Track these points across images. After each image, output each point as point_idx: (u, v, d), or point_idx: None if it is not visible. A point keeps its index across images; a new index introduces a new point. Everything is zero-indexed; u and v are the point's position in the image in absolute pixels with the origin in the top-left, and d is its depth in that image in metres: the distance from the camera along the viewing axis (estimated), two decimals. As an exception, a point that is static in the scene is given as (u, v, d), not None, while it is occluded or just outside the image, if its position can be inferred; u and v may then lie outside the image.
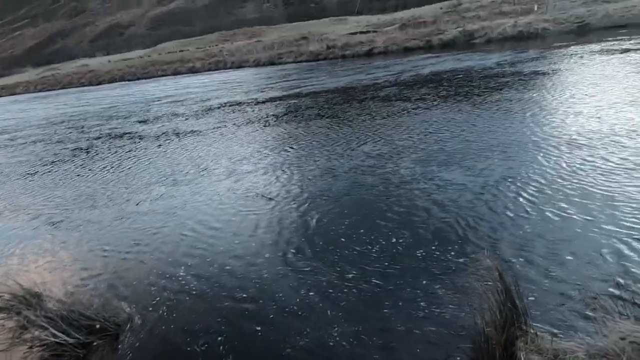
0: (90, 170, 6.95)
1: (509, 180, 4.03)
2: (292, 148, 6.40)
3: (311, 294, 2.78)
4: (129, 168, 6.67)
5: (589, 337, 1.86)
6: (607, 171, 3.88)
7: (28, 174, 7.37)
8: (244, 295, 2.87)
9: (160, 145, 8.03)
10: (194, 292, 3.00)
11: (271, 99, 11.85)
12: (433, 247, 3.08)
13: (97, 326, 2.65)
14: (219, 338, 2.50)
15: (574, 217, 3.18)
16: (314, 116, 8.62)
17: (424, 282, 2.71)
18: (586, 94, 6.88)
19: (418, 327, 2.31)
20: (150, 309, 2.88)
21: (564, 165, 4.18)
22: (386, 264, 2.97)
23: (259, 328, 2.54)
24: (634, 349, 1.70)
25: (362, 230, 3.50)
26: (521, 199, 3.61)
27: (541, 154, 4.54)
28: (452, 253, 2.96)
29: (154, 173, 6.15)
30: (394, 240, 3.27)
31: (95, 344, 2.58)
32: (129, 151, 7.92)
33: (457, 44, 20.58)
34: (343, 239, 3.40)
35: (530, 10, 24.80)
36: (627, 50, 10.83)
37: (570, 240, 2.88)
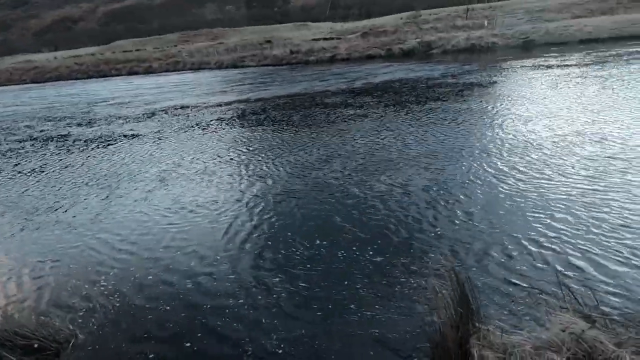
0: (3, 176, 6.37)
1: (431, 185, 4.25)
2: (227, 154, 6.33)
3: (260, 301, 2.72)
4: (46, 175, 6.19)
5: (534, 331, 1.97)
6: (525, 173, 4.21)
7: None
8: (188, 308, 2.76)
9: (88, 150, 7.57)
10: (136, 305, 2.83)
11: (220, 103, 11.62)
12: (355, 249, 3.15)
13: (35, 345, 2.42)
14: (164, 351, 2.38)
15: (481, 220, 3.41)
16: (257, 122, 8.55)
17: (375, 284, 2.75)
18: (514, 106, 7.50)
19: (376, 328, 2.34)
20: (94, 324, 2.68)
21: (484, 168, 4.51)
22: (330, 267, 2.99)
23: (206, 342, 2.44)
24: (572, 339, 1.83)
25: (291, 236, 3.50)
26: (455, 202, 3.81)
27: (463, 160, 4.86)
28: (379, 255, 3.05)
29: (70, 180, 5.77)
30: (328, 244, 3.31)
31: (32, 364, 2.35)
32: (52, 155, 7.37)
33: (416, 54, 21.50)
34: (280, 245, 3.38)
35: (481, 25, 26.52)
36: (561, 66, 11.88)
37: (497, 241, 3.08)
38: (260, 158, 5.95)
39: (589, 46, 16.58)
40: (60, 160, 7.02)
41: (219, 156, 6.25)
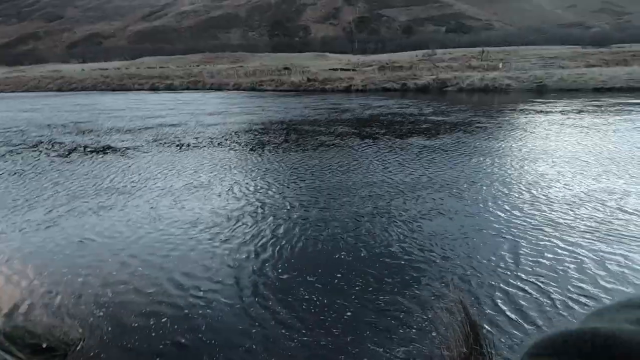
0: None
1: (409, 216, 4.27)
2: (203, 173, 6.46)
3: (272, 326, 2.72)
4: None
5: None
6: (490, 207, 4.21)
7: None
8: (198, 317, 2.77)
9: (63, 159, 7.80)
10: (148, 311, 2.85)
11: (214, 124, 11.93)
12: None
13: (44, 345, 2.44)
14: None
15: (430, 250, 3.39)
16: (242, 144, 8.73)
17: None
18: (508, 150, 7.56)
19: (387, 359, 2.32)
20: (104, 328, 2.70)
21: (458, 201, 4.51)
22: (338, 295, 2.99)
23: (216, 350, 2.43)
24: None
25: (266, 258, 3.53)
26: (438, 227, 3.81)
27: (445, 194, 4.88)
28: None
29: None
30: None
31: (40, 364, 2.36)
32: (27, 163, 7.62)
33: (431, 90, 21.93)
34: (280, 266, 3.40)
35: (495, 67, 27.13)
36: (578, 112, 12.01)
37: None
38: (234, 180, 6.06)
39: (603, 94, 16.80)
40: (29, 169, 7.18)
41: (191, 174, 6.36)
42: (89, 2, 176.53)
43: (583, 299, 2.80)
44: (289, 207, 4.84)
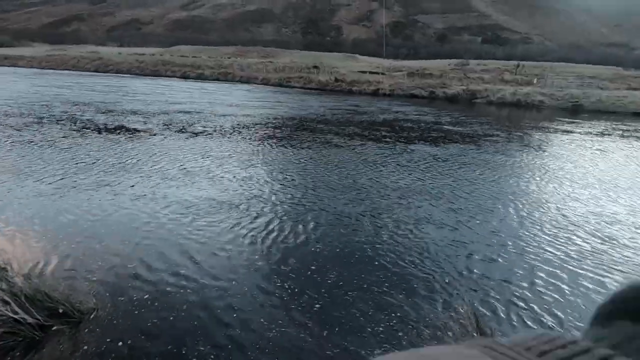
0: None
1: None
2: (196, 160, 6.60)
3: (280, 324, 2.73)
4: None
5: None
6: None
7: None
8: (212, 300, 2.80)
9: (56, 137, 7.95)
10: (164, 290, 2.92)
11: (228, 114, 12.10)
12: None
13: (60, 310, 2.53)
14: (182, 344, 2.41)
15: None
16: (244, 136, 8.83)
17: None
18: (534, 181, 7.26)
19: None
20: (118, 301, 2.78)
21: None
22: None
23: (229, 333, 2.46)
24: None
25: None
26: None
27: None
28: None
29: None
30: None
31: (54, 328, 2.45)
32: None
33: (460, 100, 21.49)
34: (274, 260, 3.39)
35: (529, 82, 26.31)
36: (602, 134, 11.48)
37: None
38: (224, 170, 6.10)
39: (642, 120, 16.00)
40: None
41: (195, 159, 6.44)
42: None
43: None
44: (252, 198, 4.93)
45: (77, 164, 6.09)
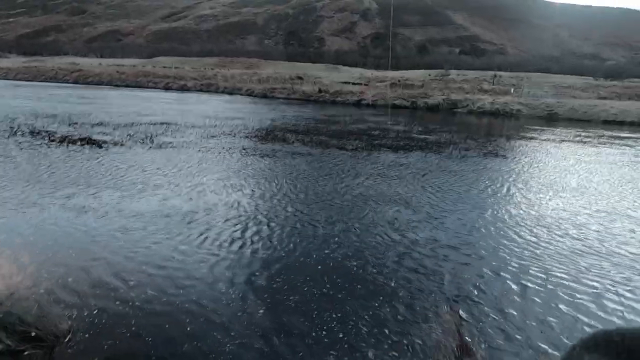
0: None
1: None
2: (151, 170, 6.62)
3: (267, 330, 2.69)
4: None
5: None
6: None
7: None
8: (188, 316, 2.74)
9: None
10: (139, 307, 2.84)
11: (198, 125, 12.09)
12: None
13: (33, 334, 2.43)
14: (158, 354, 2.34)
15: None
16: (206, 146, 8.89)
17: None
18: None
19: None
20: (94, 322, 2.68)
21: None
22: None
23: (208, 344, 2.40)
24: None
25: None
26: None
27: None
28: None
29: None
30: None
31: (27, 353, 2.34)
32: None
33: (441, 110, 22.00)
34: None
35: (507, 92, 27.21)
36: (569, 141, 11.96)
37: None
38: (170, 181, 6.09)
39: (612, 127, 16.74)
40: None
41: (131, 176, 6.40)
42: (112, 0, 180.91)
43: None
44: (195, 200, 5.10)
45: (36, 176, 5.91)
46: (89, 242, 3.92)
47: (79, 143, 8.51)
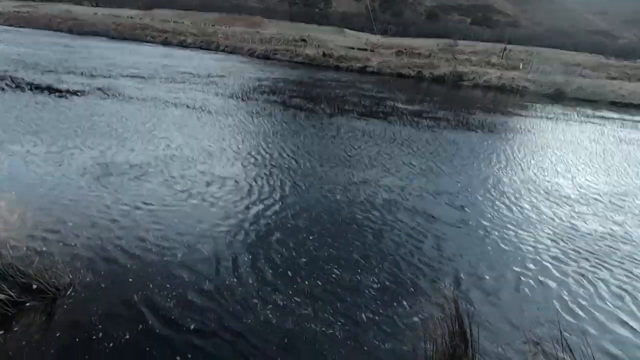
0: None
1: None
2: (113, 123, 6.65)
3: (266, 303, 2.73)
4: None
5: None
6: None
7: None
8: (188, 269, 2.78)
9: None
10: (140, 264, 2.87)
11: (178, 81, 11.94)
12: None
13: (34, 286, 2.46)
14: (160, 318, 2.40)
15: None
16: (176, 102, 8.89)
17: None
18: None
19: (368, 345, 2.34)
20: (95, 276, 2.72)
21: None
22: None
23: (210, 310, 2.46)
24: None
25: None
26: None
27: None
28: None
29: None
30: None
31: (28, 304, 2.38)
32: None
33: (446, 82, 21.46)
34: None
35: (515, 67, 26.47)
36: (568, 121, 11.80)
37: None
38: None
39: (619, 109, 16.47)
40: None
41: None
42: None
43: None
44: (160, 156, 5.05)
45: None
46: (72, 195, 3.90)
47: (39, 89, 8.65)
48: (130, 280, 2.73)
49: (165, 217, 3.64)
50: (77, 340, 2.21)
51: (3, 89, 8.33)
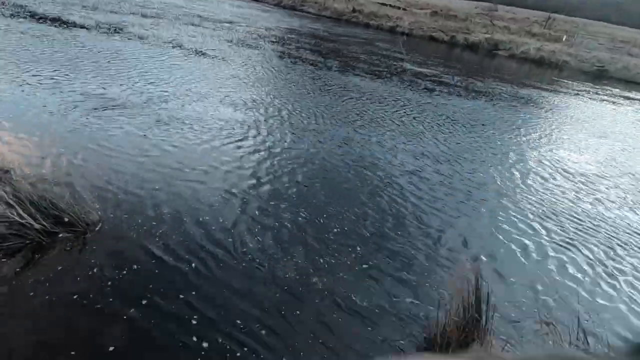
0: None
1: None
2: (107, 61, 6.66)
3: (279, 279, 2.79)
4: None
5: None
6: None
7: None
8: (216, 209, 2.85)
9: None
10: (171, 206, 2.96)
11: (186, 24, 11.62)
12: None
13: (66, 219, 2.56)
14: (187, 255, 2.50)
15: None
16: (174, 43, 9.03)
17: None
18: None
19: (383, 311, 2.40)
20: (124, 214, 2.81)
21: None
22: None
23: (231, 250, 2.54)
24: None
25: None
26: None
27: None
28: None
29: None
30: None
31: (61, 235, 2.50)
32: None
33: (480, 50, 20.27)
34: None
35: (558, 38, 24.65)
36: (599, 103, 11.10)
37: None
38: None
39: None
40: None
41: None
42: None
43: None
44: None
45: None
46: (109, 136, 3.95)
47: (44, 20, 8.91)
48: (156, 219, 2.82)
49: (186, 158, 3.69)
50: (108, 268, 2.34)
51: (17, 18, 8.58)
